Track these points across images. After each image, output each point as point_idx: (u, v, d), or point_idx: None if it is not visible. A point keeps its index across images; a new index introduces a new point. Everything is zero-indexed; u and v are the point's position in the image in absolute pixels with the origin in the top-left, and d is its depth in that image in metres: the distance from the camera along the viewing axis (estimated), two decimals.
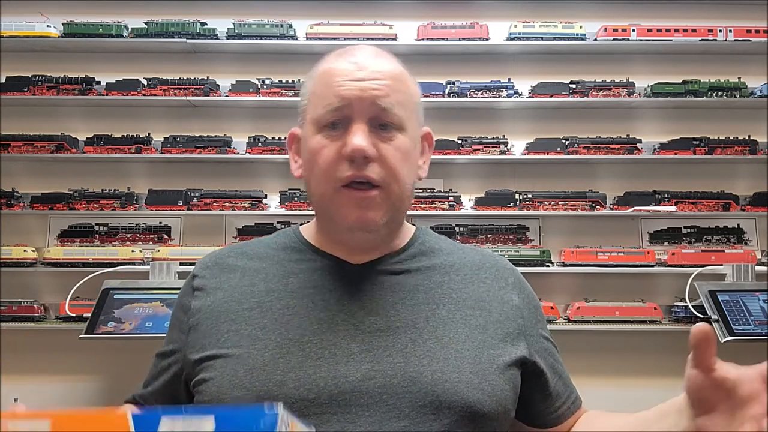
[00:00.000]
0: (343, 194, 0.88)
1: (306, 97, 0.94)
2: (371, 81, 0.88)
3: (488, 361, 0.87)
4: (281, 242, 1.00)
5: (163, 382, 0.96)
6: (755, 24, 2.89)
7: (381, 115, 0.88)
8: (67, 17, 2.87)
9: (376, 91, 0.88)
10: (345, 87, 0.88)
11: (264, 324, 0.88)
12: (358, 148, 0.86)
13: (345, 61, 0.91)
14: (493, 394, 0.85)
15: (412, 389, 0.82)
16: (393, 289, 0.92)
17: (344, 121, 0.88)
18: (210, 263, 0.99)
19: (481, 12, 3.00)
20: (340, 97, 0.87)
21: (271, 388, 0.82)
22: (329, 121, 0.89)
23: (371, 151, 0.87)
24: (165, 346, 0.98)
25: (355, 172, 0.87)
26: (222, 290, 0.94)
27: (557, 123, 2.96)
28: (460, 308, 0.91)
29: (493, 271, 0.98)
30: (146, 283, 2.54)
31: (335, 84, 0.88)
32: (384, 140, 0.89)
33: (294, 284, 0.92)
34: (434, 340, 0.87)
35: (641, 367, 2.85)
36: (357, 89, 0.87)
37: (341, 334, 0.86)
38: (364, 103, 0.87)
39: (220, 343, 0.88)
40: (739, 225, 2.93)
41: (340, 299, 0.90)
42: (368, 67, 0.89)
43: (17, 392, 2.72)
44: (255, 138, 2.86)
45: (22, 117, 2.92)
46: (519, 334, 0.93)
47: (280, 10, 2.96)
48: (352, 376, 0.83)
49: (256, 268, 0.95)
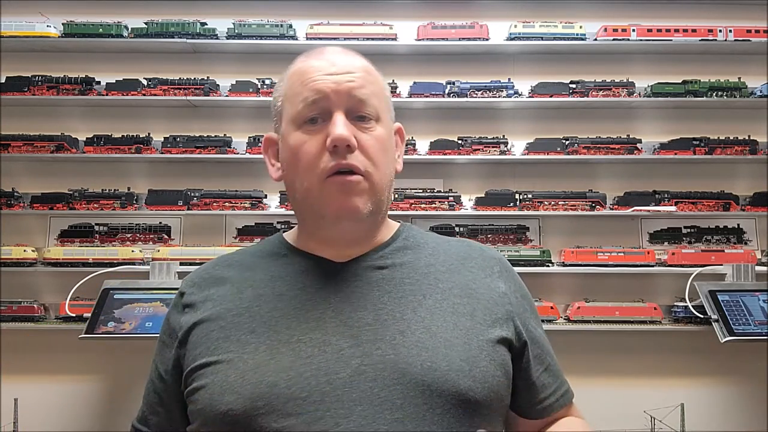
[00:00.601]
0: (327, 183, 0.89)
1: (279, 100, 0.97)
2: (345, 74, 0.91)
3: (478, 347, 0.88)
4: (266, 250, 1.01)
5: (168, 404, 0.95)
6: (755, 24, 2.89)
7: (358, 106, 0.91)
8: (67, 17, 2.87)
9: (351, 83, 0.90)
10: (320, 81, 0.90)
11: (253, 328, 0.88)
12: (340, 137, 0.87)
13: (315, 59, 0.93)
14: (484, 381, 0.86)
15: (403, 380, 0.83)
16: (379, 284, 0.92)
17: (323, 114, 0.90)
18: (196, 279, 0.99)
19: (481, 12, 3.00)
20: (316, 90, 0.90)
21: (263, 390, 0.82)
22: (308, 116, 0.91)
23: (352, 139, 0.88)
24: (157, 369, 0.97)
25: (339, 161, 0.88)
26: (211, 301, 0.94)
27: (557, 123, 2.96)
28: (447, 297, 0.92)
29: (479, 260, 0.99)
30: (146, 283, 2.54)
31: (309, 80, 0.91)
32: (363, 130, 0.91)
33: (281, 287, 0.93)
34: (423, 330, 0.87)
35: (641, 367, 2.85)
36: (332, 82, 0.90)
37: (330, 331, 0.87)
38: (341, 95, 0.90)
39: (211, 351, 0.88)
40: (739, 225, 2.93)
41: (327, 297, 0.90)
42: (339, 63, 0.92)
43: (17, 392, 2.73)
44: (255, 138, 2.86)
45: (22, 117, 2.92)
46: (507, 319, 0.93)
47: (280, 10, 2.96)
48: (343, 372, 0.83)
49: (244, 277, 0.96)
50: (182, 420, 0.94)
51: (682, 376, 2.86)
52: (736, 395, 2.85)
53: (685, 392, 2.78)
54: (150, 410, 0.98)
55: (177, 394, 0.93)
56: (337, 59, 0.93)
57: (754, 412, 2.82)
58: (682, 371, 2.86)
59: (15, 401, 2.68)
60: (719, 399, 2.86)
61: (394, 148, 1.00)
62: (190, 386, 0.88)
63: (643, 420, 2.71)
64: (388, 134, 0.96)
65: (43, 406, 2.78)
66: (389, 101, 0.99)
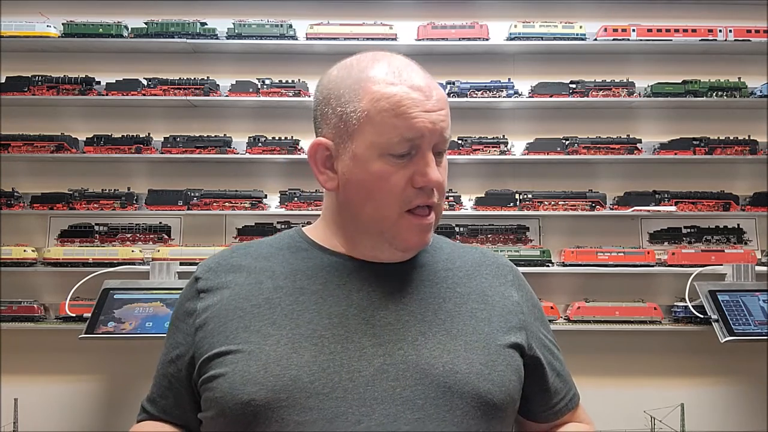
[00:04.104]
0: (406, 219, 0.90)
1: (355, 116, 0.89)
2: (438, 112, 0.90)
3: (496, 352, 0.89)
4: (285, 242, 1.00)
5: (182, 388, 0.95)
6: (755, 24, 2.90)
7: (440, 143, 0.91)
8: (67, 17, 2.87)
9: (444, 123, 0.90)
10: (420, 119, 0.88)
11: (274, 320, 0.88)
12: (438, 182, 0.89)
13: (408, 86, 0.89)
14: (502, 384, 0.87)
15: (425, 381, 0.84)
16: (400, 283, 0.93)
17: (412, 149, 0.89)
18: (213, 265, 0.98)
19: (481, 12, 3.00)
20: (416, 130, 0.88)
21: (286, 383, 0.82)
22: (399, 151, 0.89)
23: (444, 184, 0.91)
24: (170, 352, 0.96)
25: (426, 200, 0.90)
26: (228, 289, 0.93)
27: (557, 123, 2.96)
28: (466, 302, 0.93)
29: (493, 267, 1.00)
30: (146, 283, 2.54)
31: (409, 116, 0.88)
32: (439, 165, 0.92)
33: (302, 281, 0.93)
34: (443, 332, 0.89)
35: (641, 367, 2.85)
36: (429, 122, 0.89)
37: (352, 329, 0.87)
38: (434, 136, 0.89)
39: (230, 340, 0.88)
40: (739, 225, 2.93)
41: (350, 294, 0.91)
42: (433, 96, 0.90)
43: (17, 392, 2.73)
44: (255, 138, 2.86)
45: (22, 117, 2.92)
46: (520, 327, 0.95)
47: (280, 10, 2.96)
48: (366, 370, 0.84)
49: (262, 267, 0.95)
50: (191, 406, 0.94)
51: (682, 376, 2.86)
52: (736, 395, 2.85)
53: (685, 392, 2.78)
54: (159, 393, 0.98)
55: (188, 380, 0.93)
56: (428, 88, 0.90)
57: (754, 412, 2.82)
58: (682, 371, 2.86)
59: (15, 401, 2.68)
60: (719, 399, 2.86)
61: None
62: (206, 374, 0.88)
63: (643, 420, 2.71)
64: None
65: (43, 406, 2.79)
66: None
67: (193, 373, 0.92)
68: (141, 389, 1.00)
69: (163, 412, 0.98)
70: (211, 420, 0.88)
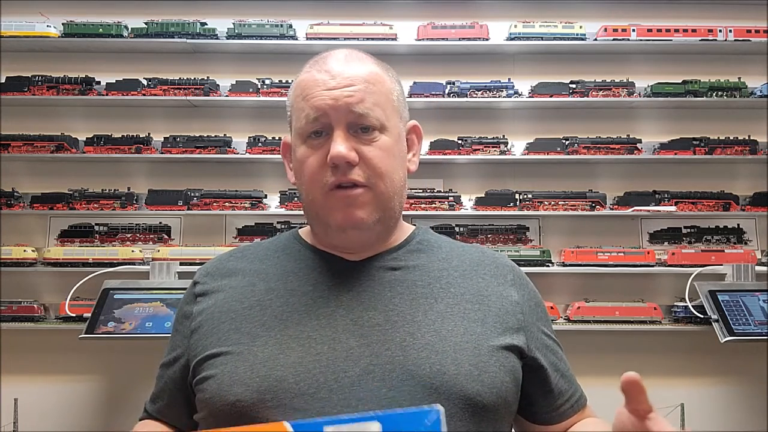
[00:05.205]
0: (330, 196, 0.91)
1: (289, 109, 0.99)
2: (343, 89, 0.91)
3: (488, 353, 0.88)
4: (280, 244, 1.02)
5: (176, 390, 0.96)
6: (755, 24, 2.89)
7: (358, 120, 0.91)
8: (67, 17, 2.87)
9: (350, 98, 0.90)
10: (318, 98, 0.91)
11: (264, 321, 0.89)
12: (338, 156, 0.89)
13: (317, 70, 0.94)
14: (492, 386, 0.86)
15: (411, 382, 0.83)
16: (391, 285, 0.93)
17: (326, 128, 0.91)
18: (211, 269, 1.00)
19: (481, 12, 3.00)
20: (316, 108, 0.91)
21: (271, 384, 0.83)
22: (310, 131, 0.92)
23: (351, 156, 0.89)
24: (168, 354, 0.98)
25: (340, 177, 0.90)
26: (223, 292, 0.95)
27: (557, 123, 2.96)
28: (459, 302, 0.92)
29: (492, 267, 1.00)
30: (146, 283, 2.54)
31: (310, 96, 0.92)
32: (366, 142, 0.91)
33: (293, 282, 0.94)
34: (432, 333, 0.88)
35: (641, 367, 2.80)
36: (330, 98, 0.90)
37: (340, 329, 0.87)
38: (340, 112, 0.90)
39: (221, 342, 0.89)
40: (739, 225, 2.93)
41: (339, 296, 0.91)
42: (340, 74, 0.92)
43: (17, 392, 2.73)
44: (255, 138, 2.86)
45: (22, 117, 2.92)
46: (519, 328, 0.94)
47: (280, 10, 2.96)
48: (352, 371, 0.84)
49: (256, 270, 0.97)
50: (185, 408, 0.95)
51: (682, 376, 2.86)
52: (736, 395, 2.85)
53: (685, 392, 2.77)
54: (159, 393, 0.99)
55: (182, 382, 0.94)
56: (338, 70, 0.93)
57: (754, 412, 2.82)
58: (682, 371, 2.86)
59: (15, 401, 2.68)
60: (719, 399, 2.86)
61: (405, 150, 1.00)
62: (199, 375, 0.89)
63: None
64: (395, 140, 0.96)
65: (43, 406, 2.78)
66: (399, 103, 0.99)
67: (187, 375, 0.93)
68: (141, 389, 1.01)
69: (158, 412, 1.00)
70: (204, 421, 0.89)
